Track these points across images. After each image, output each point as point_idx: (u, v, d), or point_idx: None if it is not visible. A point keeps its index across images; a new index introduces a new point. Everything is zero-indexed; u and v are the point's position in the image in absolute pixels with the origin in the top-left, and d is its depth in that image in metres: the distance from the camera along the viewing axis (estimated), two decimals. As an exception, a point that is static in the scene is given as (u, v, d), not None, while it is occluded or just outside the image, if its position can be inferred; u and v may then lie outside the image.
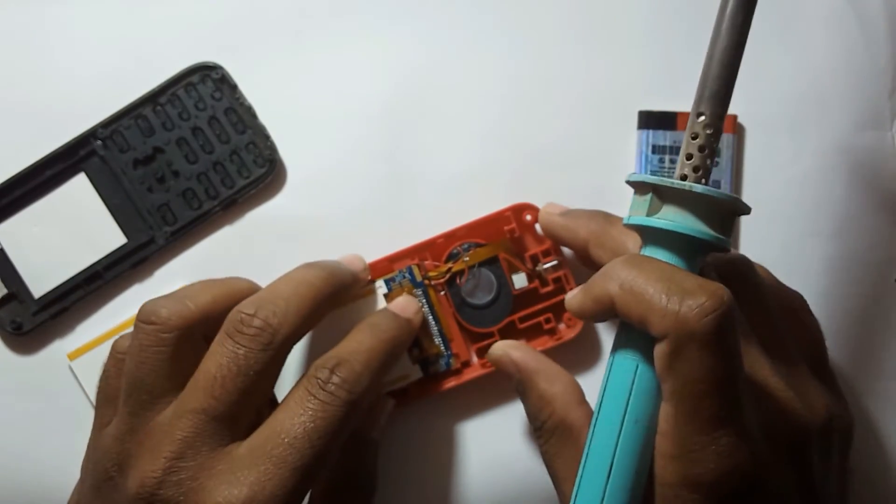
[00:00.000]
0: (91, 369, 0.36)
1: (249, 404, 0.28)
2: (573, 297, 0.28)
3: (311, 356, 0.35)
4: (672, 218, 0.26)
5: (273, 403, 0.31)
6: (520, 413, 0.37)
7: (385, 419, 0.34)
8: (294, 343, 0.30)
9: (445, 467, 0.36)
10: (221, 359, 0.28)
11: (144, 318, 0.29)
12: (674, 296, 0.24)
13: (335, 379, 0.28)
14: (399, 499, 0.36)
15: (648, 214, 0.26)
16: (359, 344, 0.30)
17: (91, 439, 0.30)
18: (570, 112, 0.38)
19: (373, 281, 0.35)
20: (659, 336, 0.24)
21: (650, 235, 0.27)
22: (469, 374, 0.36)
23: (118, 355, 0.31)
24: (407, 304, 0.34)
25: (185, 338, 0.29)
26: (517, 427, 0.36)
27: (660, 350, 0.24)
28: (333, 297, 0.32)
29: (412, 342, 0.35)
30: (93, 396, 0.33)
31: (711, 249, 0.26)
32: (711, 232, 0.25)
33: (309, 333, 0.34)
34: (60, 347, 0.37)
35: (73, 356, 0.36)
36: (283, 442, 0.27)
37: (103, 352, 0.32)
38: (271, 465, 0.27)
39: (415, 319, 0.34)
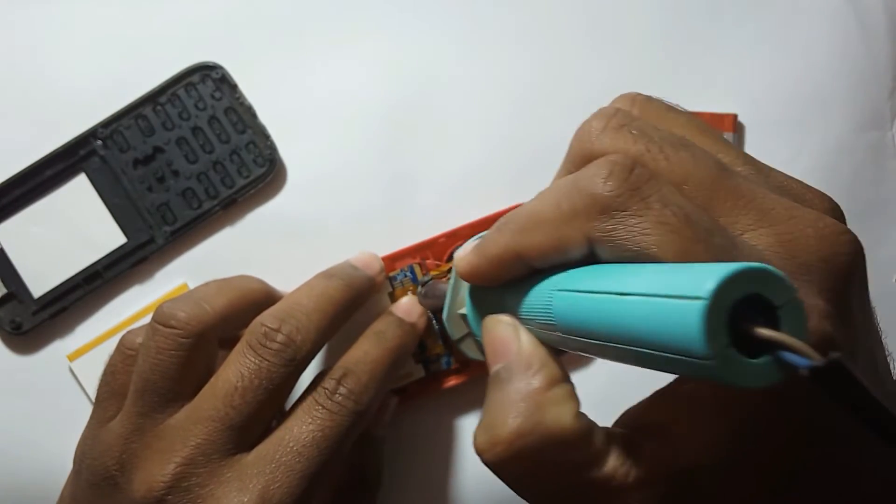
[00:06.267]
0: (91, 369, 0.36)
1: (264, 416, 0.28)
2: (462, 258, 0.24)
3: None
4: None
5: (281, 409, 0.31)
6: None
7: (389, 417, 0.35)
8: (313, 357, 0.30)
9: (447, 463, 0.36)
10: (243, 369, 0.28)
11: (162, 320, 0.29)
12: (569, 192, 0.20)
13: (342, 390, 0.29)
14: (402, 495, 0.36)
15: None
16: (365, 354, 0.30)
17: (89, 432, 0.30)
18: (571, 112, 0.37)
19: None
20: (584, 242, 0.20)
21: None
22: (469, 373, 0.36)
23: (127, 351, 0.30)
24: (412, 307, 0.34)
25: (201, 343, 0.29)
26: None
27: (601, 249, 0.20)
28: (353, 309, 0.32)
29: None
30: (93, 396, 0.33)
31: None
32: None
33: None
34: (60, 347, 0.37)
35: (73, 357, 0.36)
36: (292, 450, 0.27)
37: (103, 352, 0.32)
38: (280, 473, 0.27)
39: (419, 323, 0.34)
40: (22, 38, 0.38)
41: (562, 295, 0.20)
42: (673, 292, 0.15)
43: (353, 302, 0.32)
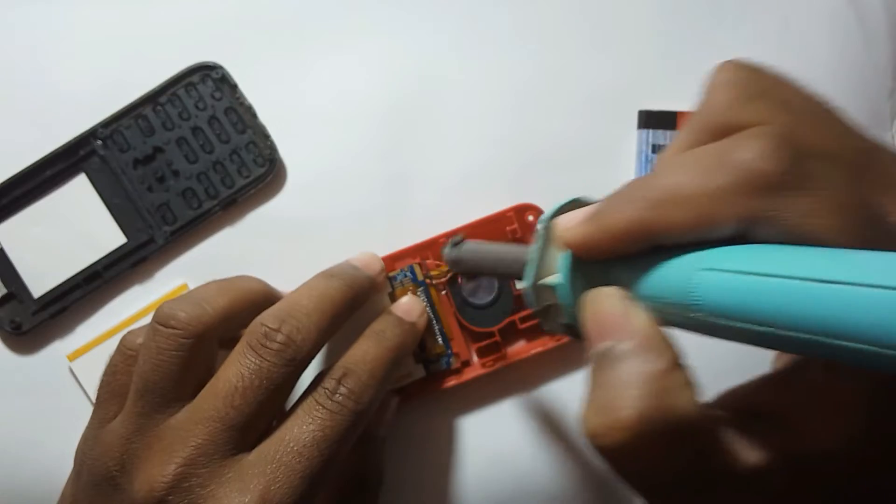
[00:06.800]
0: (91, 369, 0.36)
1: (264, 416, 0.28)
2: (573, 228, 0.22)
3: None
4: None
5: (281, 409, 0.31)
6: (518, 411, 0.37)
7: (390, 417, 0.35)
8: (314, 357, 0.30)
9: (446, 464, 0.36)
10: (243, 369, 0.28)
11: (163, 321, 0.29)
12: (720, 166, 0.18)
13: (342, 389, 0.29)
14: (402, 495, 0.36)
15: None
16: (364, 353, 0.30)
17: (90, 432, 0.30)
18: (571, 112, 0.38)
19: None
20: (736, 221, 0.19)
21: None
22: (469, 374, 0.36)
23: (128, 351, 0.30)
24: (412, 307, 0.34)
25: (202, 343, 0.29)
26: (516, 424, 0.36)
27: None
28: (353, 309, 0.32)
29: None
30: (93, 396, 0.33)
31: None
32: None
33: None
34: (60, 347, 0.37)
35: (73, 357, 0.36)
36: (292, 450, 0.27)
37: (103, 352, 0.32)
38: (280, 473, 0.27)
39: (419, 322, 0.34)
40: (22, 38, 0.38)
41: (715, 275, 0.18)
42: None
43: (353, 302, 0.32)
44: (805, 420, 0.19)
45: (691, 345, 0.21)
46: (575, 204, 0.24)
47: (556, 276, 0.23)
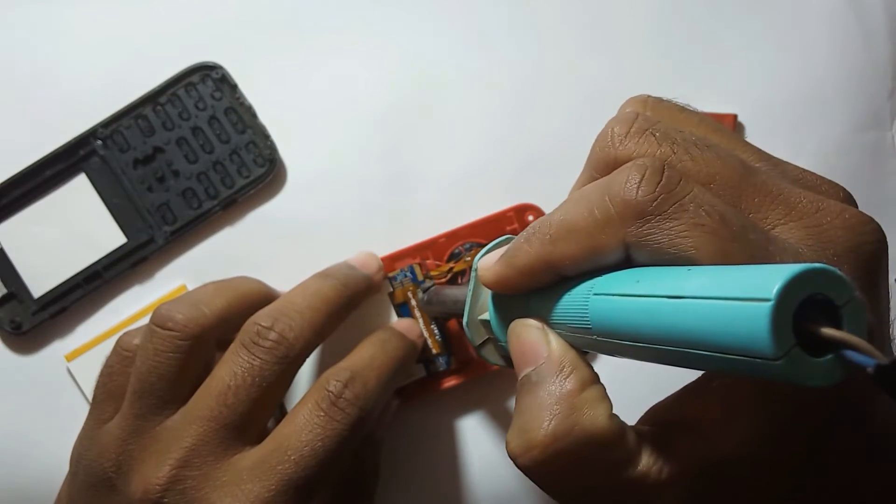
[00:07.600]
0: (89, 370, 0.36)
1: (259, 415, 0.28)
2: (488, 269, 0.23)
3: (315, 355, 0.35)
4: None
5: (282, 409, 0.31)
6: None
7: (390, 419, 0.35)
8: (308, 356, 0.30)
9: (446, 463, 0.36)
10: (236, 368, 0.28)
11: (160, 322, 0.29)
12: (601, 199, 0.20)
13: (348, 395, 0.28)
14: (401, 494, 0.36)
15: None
16: (371, 359, 0.30)
17: (86, 433, 0.30)
18: (572, 112, 0.38)
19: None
20: (619, 248, 0.20)
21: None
22: (469, 374, 0.36)
23: (124, 352, 0.30)
24: (411, 327, 0.34)
25: (199, 345, 0.29)
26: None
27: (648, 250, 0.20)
28: (349, 308, 0.32)
29: None
30: (90, 397, 0.33)
31: None
32: None
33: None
34: (59, 347, 0.37)
35: (71, 357, 0.36)
36: (289, 459, 0.27)
37: (101, 352, 0.32)
38: (275, 482, 0.27)
39: (419, 343, 0.34)
40: (22, 38, 0.38)
41: (600, 299, 0.20)
42: (735, 295, 0.15)
43: (348, 300, 0.31)
44: (711, 426, 0.20)
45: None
46: (506, 242, 0.25)
47: (486, 313, 0.25)
